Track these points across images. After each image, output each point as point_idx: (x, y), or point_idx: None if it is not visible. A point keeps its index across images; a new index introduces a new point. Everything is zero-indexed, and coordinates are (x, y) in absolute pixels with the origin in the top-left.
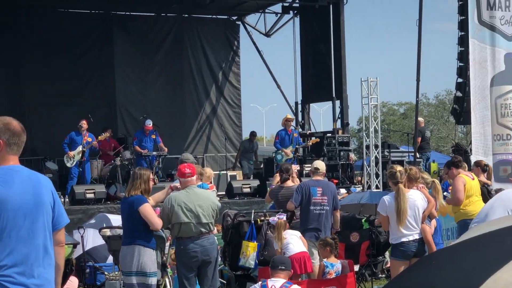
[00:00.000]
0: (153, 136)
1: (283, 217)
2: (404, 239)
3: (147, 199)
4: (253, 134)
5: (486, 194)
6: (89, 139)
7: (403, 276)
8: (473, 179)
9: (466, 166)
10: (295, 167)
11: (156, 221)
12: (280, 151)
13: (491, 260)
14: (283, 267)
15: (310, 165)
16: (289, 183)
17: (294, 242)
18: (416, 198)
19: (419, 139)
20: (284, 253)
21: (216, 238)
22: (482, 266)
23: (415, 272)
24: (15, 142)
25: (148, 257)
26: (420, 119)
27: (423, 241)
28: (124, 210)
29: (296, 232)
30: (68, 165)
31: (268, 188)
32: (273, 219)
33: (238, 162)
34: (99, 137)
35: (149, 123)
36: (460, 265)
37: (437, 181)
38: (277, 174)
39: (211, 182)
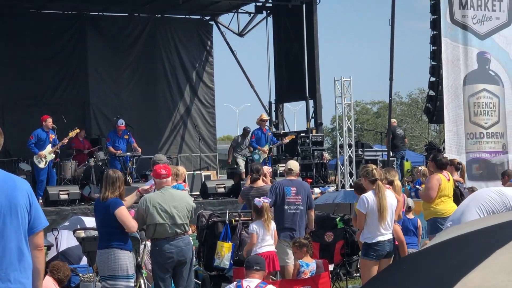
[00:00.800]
0: (126, 137)
1: (268, 201)
2: (380, 238)
3: (123, 202)
4: (246, 130)
5: (458, 196)
6: (53, 136)
7: (376, 280)
8: (449, 180)
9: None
10: (268, 169)
11: (132, 224)
12: (257, 150)
13: (461, 263)
14: (258, 267)
15: (284, 165)
16: (260, 183)
17: (264, 241)
18: (391, 199)
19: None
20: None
21: (191, 238)
22: (452, 270)
23: (389, 276)
24: None
25: (126, 259)
26: (393, 119)
27: (394, 241)
28: (100, 214)
29: (272, 225)
30: (41, 166)
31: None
32: (258, 200)
33: (232, 159)
34: (70, 133)
35: (122, 123)
36: (431, 269)
37: (397, 182)
38: (249, 176)
39: (184, 181)
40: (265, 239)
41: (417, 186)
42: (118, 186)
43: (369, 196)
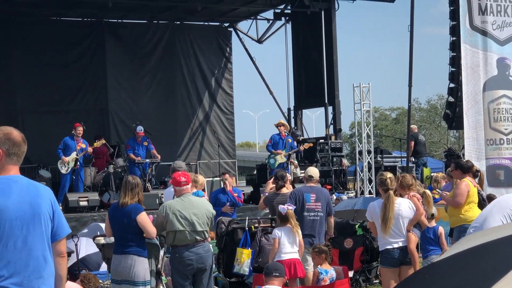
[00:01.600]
0: (145, 144)
1: (293, 207)
2: (388, 246)
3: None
4: (293, 133)
5: (481, 202)
6: (83, 145)
7: None
8: (475, 186)
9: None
10: (288, 176)
11: (153, 230)
12: (272, 154)
13: (487, 272)
14: (277, 274)
15: (303, 171)
16: (285, 190)
17: (288, 248)
18: (402, 208)
19: (412, 143)
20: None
21: (211, 245)
22: (478, 280)
23: (412, 284)
24: (15, 152)
25: (142, 266)
26: (413, 126)
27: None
28: (118, 219)
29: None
30: (63, 171)
31: (262, 195)
32: (283, 207)
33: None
34: (95, 143)
35: (141, 129)
36: (457, 277)
37: (428, 192)
38: (270, 181)
39: (204, 190)
40: (289, 246)
41: (442, 192)
42: (137, 192)
43: (374, 205)
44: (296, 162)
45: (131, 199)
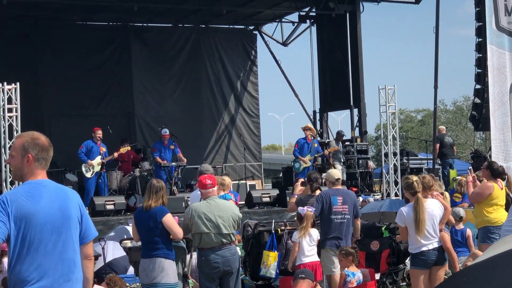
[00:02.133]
0: (172, 147)
1: (312, 210)
2: (424, 248)
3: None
4: (340, 134)
5: (510, 203)
6: (104, 149)
7: None
8: (502, 188)
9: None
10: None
11: (179, 231)
12: (297, 159)
13: None
14: (303, 276)
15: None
16: (318, 192)
17: (307, 250)
18: (433, 208)
19: (438, 145)
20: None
21: (238, 248)
22: None
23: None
24: (43, 157)
25: (170, 269)
26: (442, 127)
27: (442, 249)
28: (143, 222)
29: (314, 235)
30: (87, 175)
31: (290, 197)
32: (302, 209)
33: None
34: (121, 149)
35: (166, 132)
36: (495, 282)
37: (446, 194)
38: (298, 183)
39: (233, 191)
40: (309, 249)
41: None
42: (162, 196)
43: (406, 209)
44: (339, 165)
45: (155, 202)
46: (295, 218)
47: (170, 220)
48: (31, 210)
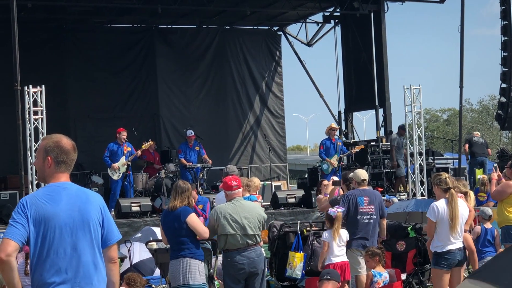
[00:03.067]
0: (197, 148)
1: (342, 210)
2: (450, 247)
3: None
4: (402, 128)
5: None
6: (129, 149)
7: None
8: None
9: None
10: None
11: (204, 230)
12: (325, 161)
13: None
14: (328, 277)
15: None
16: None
17: (337, 250)
18: (462, 207)
19: (467, 146)
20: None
21: (263, 249)
22: None
23: None
24: (63, 160)
25: (197, 269)
26: (476, 132)
27: (465, 249)
28: (169, 223)
29: (344, 235)
30: (114, 177)
31: (323, 196)
32: (333, 210)
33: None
34: (143, 146)
35: (191, 133)
36: None
37: (471, 193)
38: (329, 183)
39: (257, 193)
40: (338, 249)
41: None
42: (187, 196)
43: (440, 204)
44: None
45: (181, 203)
46: (324, 219)
47: (194, 220)
48: (50, 213)
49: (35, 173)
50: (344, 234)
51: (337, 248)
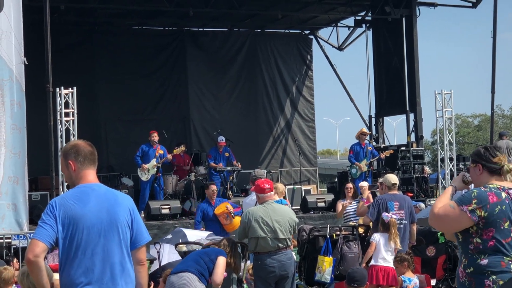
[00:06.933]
0: (227, 155)
1: (396, 217)
2: None
3: None
4: (503, 134)
5: None
6: (161, 152)
7: None
8: None
9: None
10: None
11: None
12: (354, 165)
13: None
14: (355, 285)
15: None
16: None
17: (385, 254)
18: None
19: None
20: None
21: (293, 253)
22: None
23: None
24: (84, 156)
25: None
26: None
27: None
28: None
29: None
30: (143, 179)
31: (361, 201)
32: (387, 215)
33: None
34: (175, 150)
35: (222, 140)
36: None
37: None
38: (366, 187)
39: (285, 197)
40: (386, 253)
41: None
42: None
43: None
44: None
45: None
46: (380, 223)
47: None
48: (78, 214)
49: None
50: (397, 241)
51: (385, 252)
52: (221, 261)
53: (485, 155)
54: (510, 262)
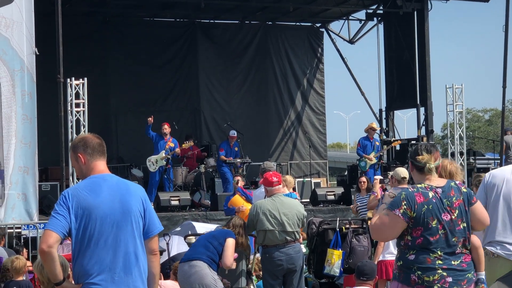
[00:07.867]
0: (236, 149)
1: None
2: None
3: None
4: (508, 129)
5: None
6: (172, 144)
7: None
8: None
9: None
10: (378, 177)
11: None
12: (362, 158)
13: None
14: (364, 279)
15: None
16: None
17: (393, 249)
18: None
19: (504, 146)
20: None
21: (302, 246)
22: None
23: None
24: (92, 148)
25: None
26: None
27: None
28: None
29: None
30: (151, 169)
31: (372, 195)
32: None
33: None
34: (183, 145)
35: (234, 133)
36: None
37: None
38: (377, 181)
39: (294, 190)
40: (393, 248)
41: None
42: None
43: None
44: None
45: None
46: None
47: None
48: (91, 204)
49: None
50: None
51: (393, 247)
52: (230, 243)
53: (412, 153)
54: (436, 259)
